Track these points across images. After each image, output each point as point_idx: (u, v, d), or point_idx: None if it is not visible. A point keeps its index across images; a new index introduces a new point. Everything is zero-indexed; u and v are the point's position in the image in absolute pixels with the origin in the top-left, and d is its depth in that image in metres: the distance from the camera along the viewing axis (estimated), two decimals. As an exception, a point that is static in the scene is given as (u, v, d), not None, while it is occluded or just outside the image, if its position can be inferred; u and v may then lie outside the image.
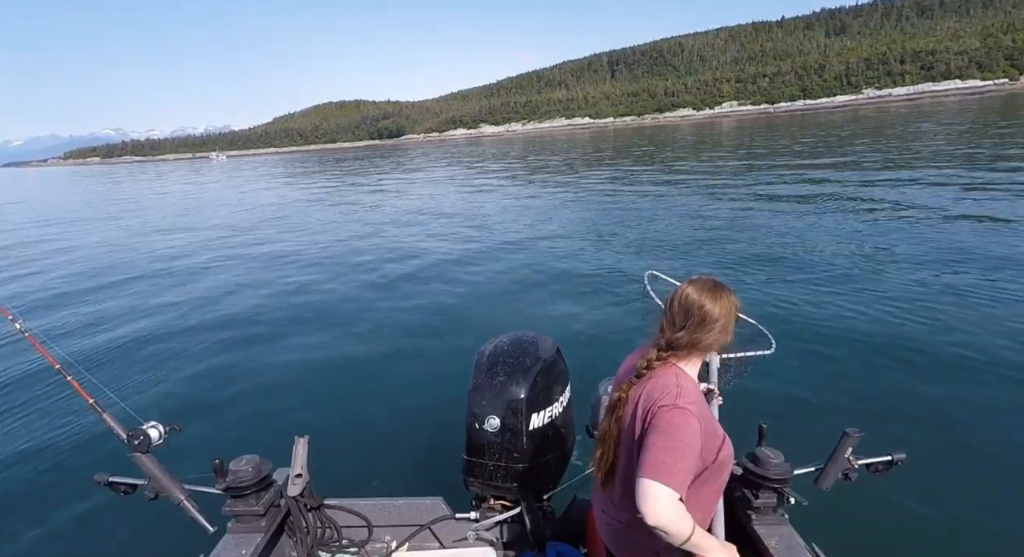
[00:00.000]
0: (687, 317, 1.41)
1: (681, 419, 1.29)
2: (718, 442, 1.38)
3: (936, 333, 5.21)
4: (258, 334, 6.43)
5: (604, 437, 1.52)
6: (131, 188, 42.09)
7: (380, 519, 2.19)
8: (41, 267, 10.95)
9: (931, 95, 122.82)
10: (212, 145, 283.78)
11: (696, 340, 1.41)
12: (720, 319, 1.40)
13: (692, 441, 1.28)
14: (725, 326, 1.42)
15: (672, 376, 1.39)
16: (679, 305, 1.43)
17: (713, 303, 1.40)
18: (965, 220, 9.40)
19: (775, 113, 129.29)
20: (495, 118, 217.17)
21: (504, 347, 2.15)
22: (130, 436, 1.75)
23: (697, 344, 1.41)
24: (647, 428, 1.33)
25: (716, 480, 1.45)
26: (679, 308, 1.43)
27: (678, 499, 1.22)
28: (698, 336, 1.40)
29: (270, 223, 15.47)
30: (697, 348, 1.43)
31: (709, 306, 1.40)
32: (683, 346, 1.42)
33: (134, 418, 1.83)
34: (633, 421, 1.40)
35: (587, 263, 8.90)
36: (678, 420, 1.29)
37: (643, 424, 1.36)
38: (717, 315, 1.40)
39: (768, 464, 1.81)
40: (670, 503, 1.21)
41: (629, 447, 1.43)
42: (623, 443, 1.47)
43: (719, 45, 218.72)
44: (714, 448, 1.37)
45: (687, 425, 1.29)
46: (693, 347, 1.42)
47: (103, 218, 18.43)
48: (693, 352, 1.44)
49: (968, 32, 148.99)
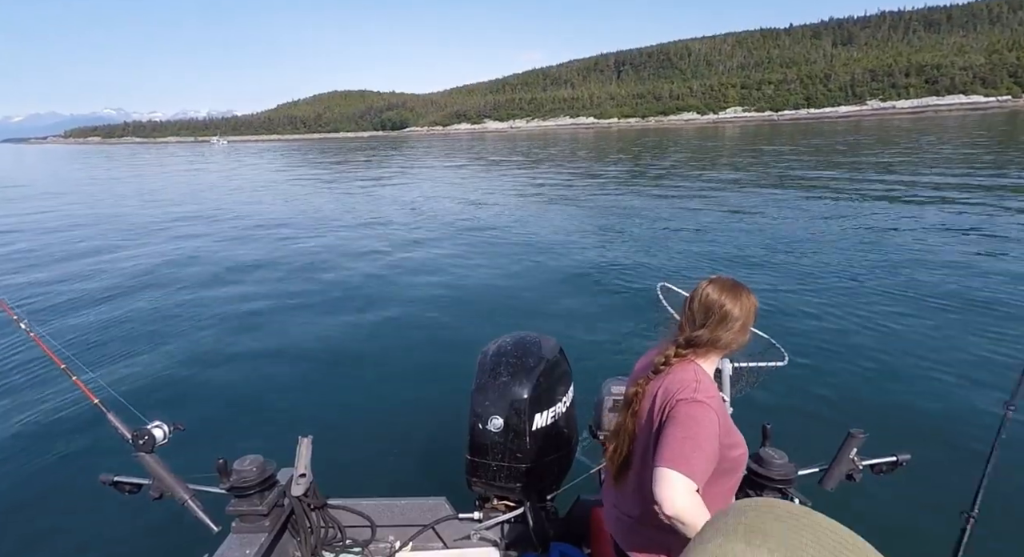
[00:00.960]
0: (707, 315, 1.42)
1: (700, 412, 1.30)
2: (734, 440, 1.39)
3: (940, 334, 5.29)
4: (262, 334, 6.41)
5: (619, 431, 1.52)
6: (129, 172, 41.82)
7: (383, 519, 2.19)
8: (45, 265, 10.87)
9: (934, 109, 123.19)
10: (214, 129, 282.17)
11: (716, 338, 1.42)
12: (740, 318, 1.42)
13: (710, 434, 1.28)
14: (744, 325, 1.44)
15: (691, 371, 1.40)
16: (699, 303, 1.45)
17: (733, 302, 1.42)
18: (972, 231, 9.51)
19: (779, 121, 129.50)
20: (499, 114, 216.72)
21: (507, 347, 2.15)
22: (135, 436, 1.75)
23: (716, 342, 1.42)
24: (665, 420, 1.34)
25: (729, 480, 1.45)
26: (699, 306, 1.44)
27: (695, 490, 1.21)
28: (718, 334, 1.41)
29: (275, 221, 15.37)
30: (716, 346, 1.43)
31: (729, 305, 1.41)
32: (702, 344, 1.43)
33: (139, 418, 1.82)
34: (651, 415, 1.41)
35: (591, 263, 8.92)
36: (697, 412, 1.30)
37: (661, 417, 1.37)
38: (737, 314, 1.42)
39: (772, 464, 1.80)
40: (687, 493, 1.20)
41: (645, 441, 1.43)
42: (639, 438, 1.47)
43: (726, 50, 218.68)
44: (730, 445, 1.37)
45: (705, 418, 1.30)
46: (712, 345, 1.43)
47: (102, 215, 18.31)
48: (711, 351, 1.45)
49: (974, 48, 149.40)
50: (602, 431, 2.73)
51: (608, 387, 2.84)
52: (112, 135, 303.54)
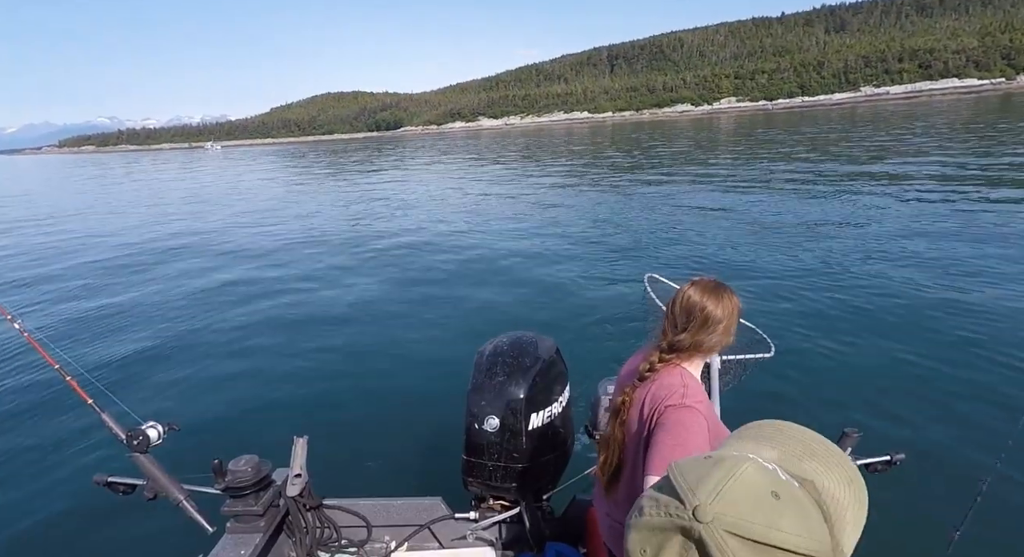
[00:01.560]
0: (689, 319, 1.41)
1: (689, 417, 1.29)
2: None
3: (936, 331, 5.25)
4: (256, 333, 6.41)
5: (608, 441, 1.51)
6: (119, 181, 41.75)
7: (379, 519, 2.19)
8: (39, 265, 10.86)
9: (928, 93, 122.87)
10: (208, 135, 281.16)
11: (699, 342, 1.41)
12: (723, 321, 1.41)
13: (700, 440, 1.27)
14: (728, 328, 1.43)
15: (677, 376, 1.39)
16: (680, 307, 1.43)
17: (715, 305, 1.40)
18: (965, 221, 9.45)
19: (773, 110, 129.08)
20: (493, 111, 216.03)
21: (503, 347, 2.15)
22: (129, 436, 1.75)
23: (700, 346, 1.41)
24: (654, 427, 1.33)
25: None
26: (681, 310, 1.43)
27: None
28: (700, 338, 1.40)
29: (266, 221, 15.37)
30: (700, 350, 1.43)
31: (711, 308, 1.40)
32: (686, 348, 1.41)
33: (133, 418, 1.82)
34: (640, 423, 1.40)
35: (586, 262, 8.90)
36: (686, 418, 1.29)
37: (649, 424, 1.35)
38: (720, 317, 1.40)
39: None
40: None
41: (635, 449, 1.42)
42: (628, 446, 1.46)
43: (719, 40, 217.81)
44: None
45: (695, 423, 1.29)
46: (695, 349, 1.42)
47: (101, 214, 18.28)
48: (696, 354, 1.44)
49: (967, 31, 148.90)
50: (598, 431, 2.73)
51: (604, 387, 2.83)
52: (107, 143, 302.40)
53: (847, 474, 0.59)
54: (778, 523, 0.51)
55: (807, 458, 0.60)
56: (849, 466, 0.60)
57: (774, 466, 0.57)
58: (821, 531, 0.53)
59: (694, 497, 0.53)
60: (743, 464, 0.55)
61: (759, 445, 0.63)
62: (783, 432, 0.64)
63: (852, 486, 0.59)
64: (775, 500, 0.52)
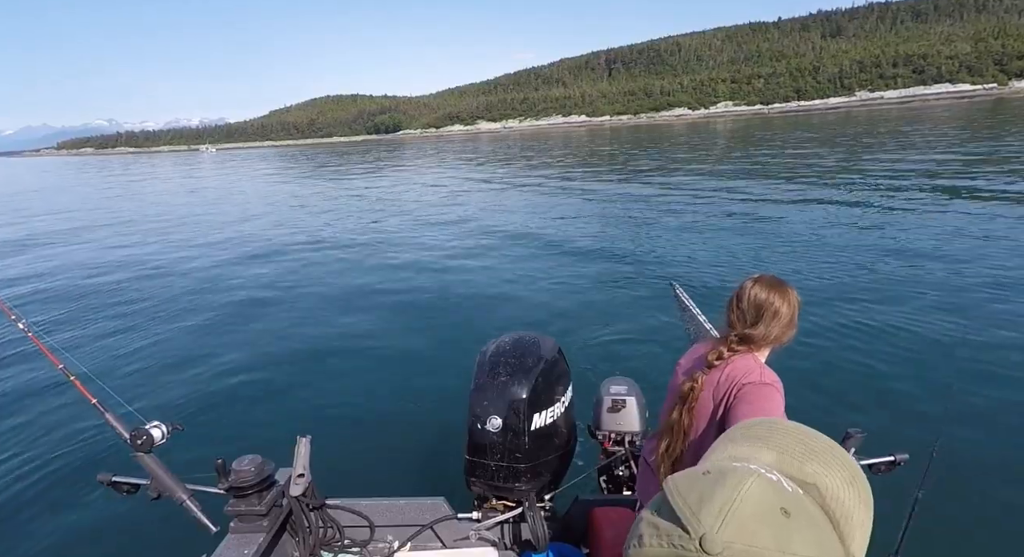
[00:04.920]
0: (759, 313, 1.52)
1: (769, 391, 1.38)
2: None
3: (938, 332, 5.27)
4: (260, 334, 6.40)
5: (672, 427, 1.55)
6: (111, 182, 41.65)
7: (382, 519, 2.18)
8: (43, 265, 10.83)
9: (922, 98, 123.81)
10: (207, 137, 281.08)
11: (769, 333, 1.51)
12: (789, 314, 1.53)
13: (780, 413, 1.34)
14: (792, 320, 1.55)
15: (751, 360, 1.49)
16: (749, 302, 1.54)
17: (782, 299, 1.53)
18: (966, 221, 9.51)
19: (769, 114, 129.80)
20: (492, 115, 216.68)
21: (506, 347, 2.15)
22: (133, 436, 1.74)
23: (768, 337, 1.52)
24: (732, 403, 1.40)
25: None
26: (749, 305, 1.53)
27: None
28: (770, 330, 1.51)
29: (268, 220, 15.38)
30: (768, 341, 1.53)
31: (778, 303, 1.52)
32: (756, 340, 1.51)
33: (137, 418, 1.82)
34: (714, 403, 1.47)
35: (588, 263, 8.92)
36: (767, 392, 1.38)
37: (726, 402, 1.43)
38: (786, 310, 1.53)
39: None
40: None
41: (704, 434, 1.48)
42: (695, 431, 1.52)
43: (716, 45, 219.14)
44: None
45: (774, 398, 1.37)
46: (765, 340, 1.52)
47: (101, 213, 18.25)
48: (764, 345, 1.53)
49: (960, 36, 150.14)
50: (600, 431, 2.75)
51: (607, 387, 2.84)
52: (105, 146, 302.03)
53: (849, 473, 0.56)
54: (790, 546, 0.47)
55: (807, 459, 0.56)
56: (850, 464, 0.57)
57: (777, 475, 0.53)
58: (833, 545, 0.51)
59: (699, 524, 0.48)
60: (747, 479, 0.51)
61: (755, 448, 0.58)
62: (776, 430, 0.61)
63: (855, 485, 0.56)
64: (785, 518, 0.49)
